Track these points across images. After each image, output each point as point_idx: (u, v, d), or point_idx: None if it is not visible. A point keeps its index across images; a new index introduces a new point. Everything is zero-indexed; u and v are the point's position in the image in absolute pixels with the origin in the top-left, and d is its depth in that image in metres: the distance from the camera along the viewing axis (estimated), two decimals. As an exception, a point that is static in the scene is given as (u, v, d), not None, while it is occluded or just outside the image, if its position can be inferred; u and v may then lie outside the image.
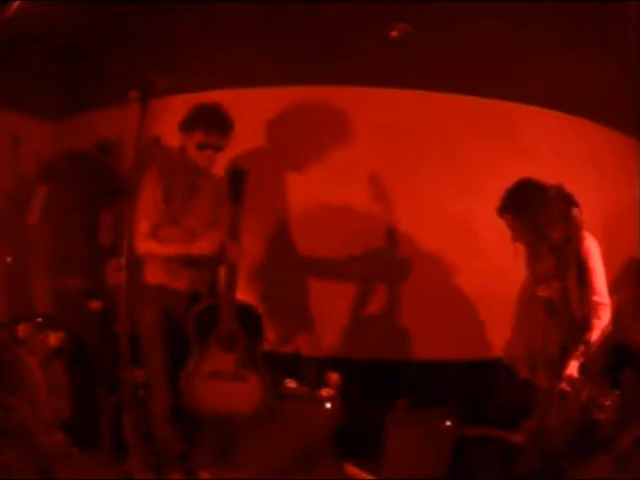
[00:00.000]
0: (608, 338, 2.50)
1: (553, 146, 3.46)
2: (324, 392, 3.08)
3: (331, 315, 3.49)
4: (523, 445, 2.66)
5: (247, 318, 2.70)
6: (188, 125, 2.66)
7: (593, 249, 2.49)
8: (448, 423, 3.04)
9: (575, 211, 2.18)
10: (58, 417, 2.86)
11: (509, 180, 2.64)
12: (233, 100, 2.87)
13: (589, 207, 3.19)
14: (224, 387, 2.67)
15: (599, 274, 2.47)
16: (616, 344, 2.70)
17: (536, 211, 2.52)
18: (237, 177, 2.61)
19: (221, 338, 2.63)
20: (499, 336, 2.99)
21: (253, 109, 3.24)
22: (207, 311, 2.66)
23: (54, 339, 3.00)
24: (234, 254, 2.60)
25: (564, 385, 2.42)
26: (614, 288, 2.69)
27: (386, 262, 3.49)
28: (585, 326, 2.41)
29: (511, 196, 2.59)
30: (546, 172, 2.86)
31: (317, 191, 3.41)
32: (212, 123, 2.64)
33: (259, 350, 2.73)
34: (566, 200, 2.14)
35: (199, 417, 2.72)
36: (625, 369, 2.47)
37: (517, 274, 2.75)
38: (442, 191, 3.41)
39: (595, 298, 2.44)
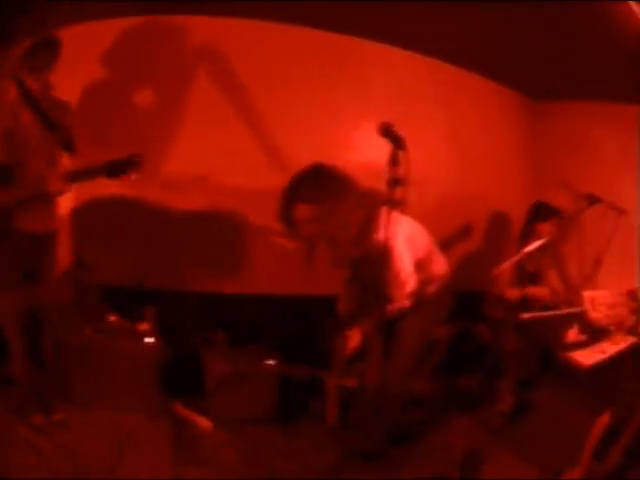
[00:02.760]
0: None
1: (398, 83, 3.56)
2: (142, 326, 3.07)
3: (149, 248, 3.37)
4: (357, 390, 2.75)
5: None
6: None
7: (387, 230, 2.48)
8: (270, 362, 3.08)
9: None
10: None
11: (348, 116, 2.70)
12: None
13: (439, 146, 3.69)
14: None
15: (398, 254, 2.55)
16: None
17: (332, 200, 2.52)
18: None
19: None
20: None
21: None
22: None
23: None
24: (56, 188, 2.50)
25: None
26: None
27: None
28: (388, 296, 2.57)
29: (303, 186, 2.56)
30: (386, 108, 3.10)
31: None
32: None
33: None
34: (395, 141, 1.99)
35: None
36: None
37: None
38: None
39: (393, 276, 2.56)
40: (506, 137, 4.32)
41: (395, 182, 2.03)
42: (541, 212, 3.52)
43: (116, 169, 2.48)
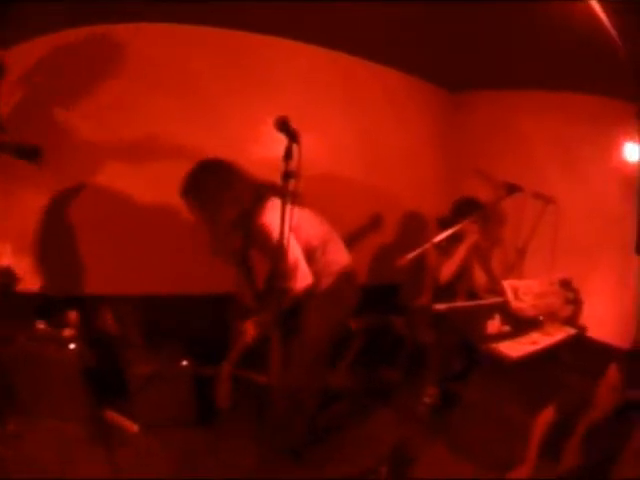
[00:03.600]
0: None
1: (304, 77, 3.57)
2: (66, 332, 3.09)
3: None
4: (271, 387, 2.69)
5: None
6: None
7: (269, 225, 2.55)
8: (184, 362, 3.07)
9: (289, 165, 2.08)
10: None
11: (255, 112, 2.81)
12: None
13: (346, 138, 3.72)
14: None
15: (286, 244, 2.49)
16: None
17: (211, 193, 2.60)
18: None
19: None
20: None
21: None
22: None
23: None
24: None
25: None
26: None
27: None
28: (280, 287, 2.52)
29: (189, 180, 2.65)
30: (292, 102, 3.12)
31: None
32: None
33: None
34: (290, 135, 2.04)
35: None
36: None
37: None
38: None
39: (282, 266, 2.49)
40: (420, 128, 4.30)
41: (288, 175, 2.09)
42: (465, 208, 3.45)
43: (24, 152, 2.70)
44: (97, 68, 3.27)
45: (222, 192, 2.61)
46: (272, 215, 2.48)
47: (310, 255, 2.81)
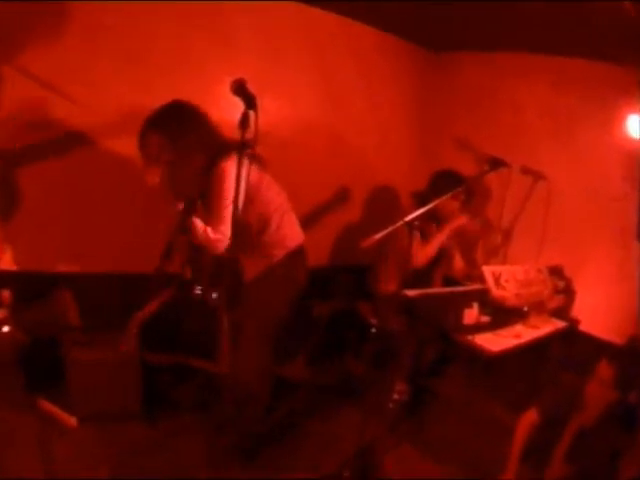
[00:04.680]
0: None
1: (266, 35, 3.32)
2: None
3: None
4: (221, 375, 2.56)
5: None
6: None
7: (228, 172, 2.40)
8: (128, 348, 2.83)
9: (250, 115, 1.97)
10: None
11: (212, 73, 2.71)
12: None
13: (310, 99, 3.45)
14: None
15: (220, 199, 2.42)
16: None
17: (182, 132, 2.43)
18: None
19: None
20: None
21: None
22: None
23: None
24: None
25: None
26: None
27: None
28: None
29: (159, 115, 2.46)
30: (253, 62, 2.98)
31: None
32: None
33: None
34: (247, 100, 1.95)
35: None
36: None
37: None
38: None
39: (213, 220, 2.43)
40: (395, 91, 3.98)
41: (244, 145, 1.99)
42: (444, 182, 3.14)
43: None
44: (39, 32, 2.90)
45: (192, 133, 2.44)
46: (234, 165, 2.30)
47: (265, 222, 2.62)
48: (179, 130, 2.43)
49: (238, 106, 1.95)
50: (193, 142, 2.44)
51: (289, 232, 2.71)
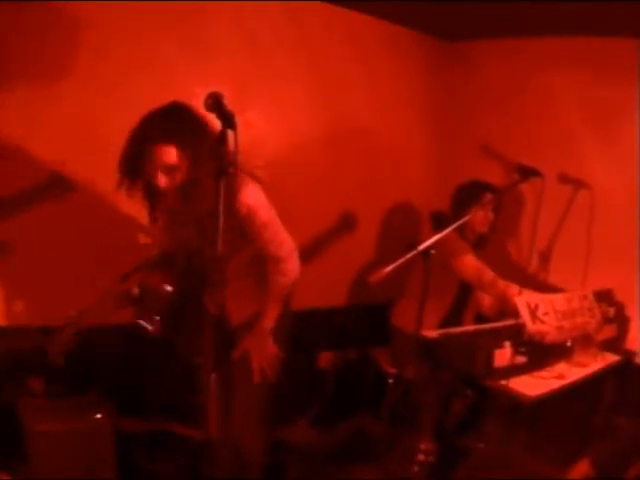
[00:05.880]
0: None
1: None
2: None
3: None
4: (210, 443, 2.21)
5: None
6: None
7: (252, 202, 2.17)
8: (98, 415, 2.56)
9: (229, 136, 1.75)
10: None
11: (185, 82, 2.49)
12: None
13: (301, 107, 3.24)
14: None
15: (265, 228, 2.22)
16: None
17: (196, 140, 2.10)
18: None
19: None
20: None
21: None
22: None
23: None
24: None
25: None
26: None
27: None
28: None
29: (166, 124, 2.09)
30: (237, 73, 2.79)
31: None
32: None
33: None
34: (224, 118, 1.72)
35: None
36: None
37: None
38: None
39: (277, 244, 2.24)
40: (403, 93, 3.61)
41: (221, 171, 1.75)
42: (469, 195, 2.89)
43: None
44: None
45: (203, 140, 2.11)
46: (254, 191, 2.21)
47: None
48: (194, 140, 2.10)
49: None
50: (206, 153, 2.09)
51: None
